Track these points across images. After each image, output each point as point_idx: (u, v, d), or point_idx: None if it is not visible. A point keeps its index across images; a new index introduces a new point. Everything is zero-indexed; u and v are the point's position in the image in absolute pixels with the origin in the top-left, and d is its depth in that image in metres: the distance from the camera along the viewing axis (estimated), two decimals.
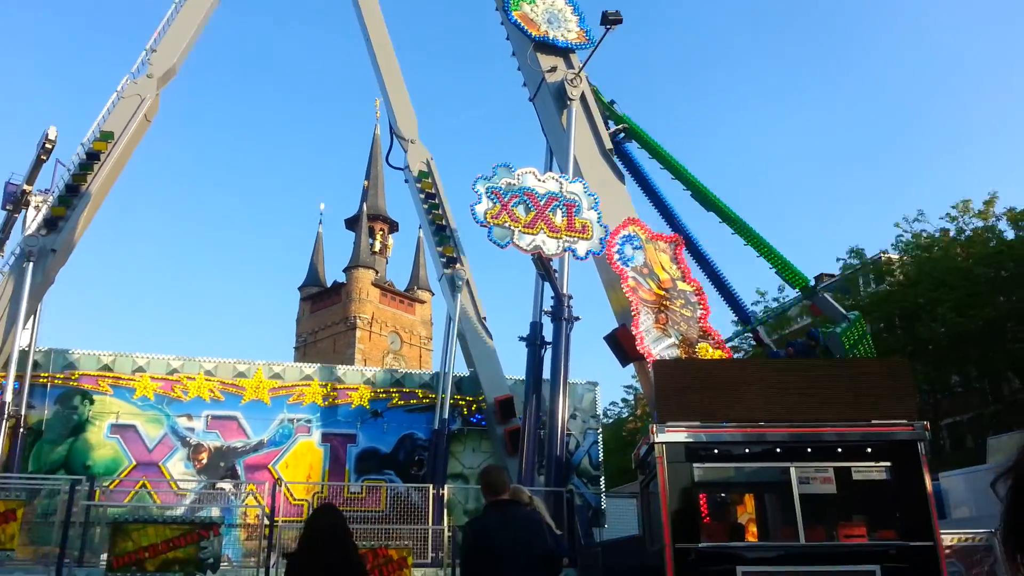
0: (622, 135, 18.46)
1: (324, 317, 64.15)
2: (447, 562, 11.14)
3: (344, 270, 64.36)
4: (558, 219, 14.80)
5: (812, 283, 17.28)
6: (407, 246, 73.42)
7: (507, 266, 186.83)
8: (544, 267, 15.65)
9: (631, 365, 16.05)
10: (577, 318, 16.80)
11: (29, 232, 17.66)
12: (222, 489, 17.97)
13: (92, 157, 17.89)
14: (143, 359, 19.62)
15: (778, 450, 9.23)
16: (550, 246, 14.66)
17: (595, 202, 15.25)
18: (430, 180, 20.71)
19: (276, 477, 18.05)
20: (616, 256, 15.23)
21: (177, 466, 18.63)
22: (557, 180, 15.38)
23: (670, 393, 9.86)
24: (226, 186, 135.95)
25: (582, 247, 14.85)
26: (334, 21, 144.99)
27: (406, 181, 21.12)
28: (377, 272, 64.65)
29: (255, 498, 16.43)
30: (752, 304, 30.66)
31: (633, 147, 18.59)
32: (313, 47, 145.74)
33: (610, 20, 16.02)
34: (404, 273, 70.11)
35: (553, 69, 17.72)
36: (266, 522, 11.16)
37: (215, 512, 15.60)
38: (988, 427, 28.06)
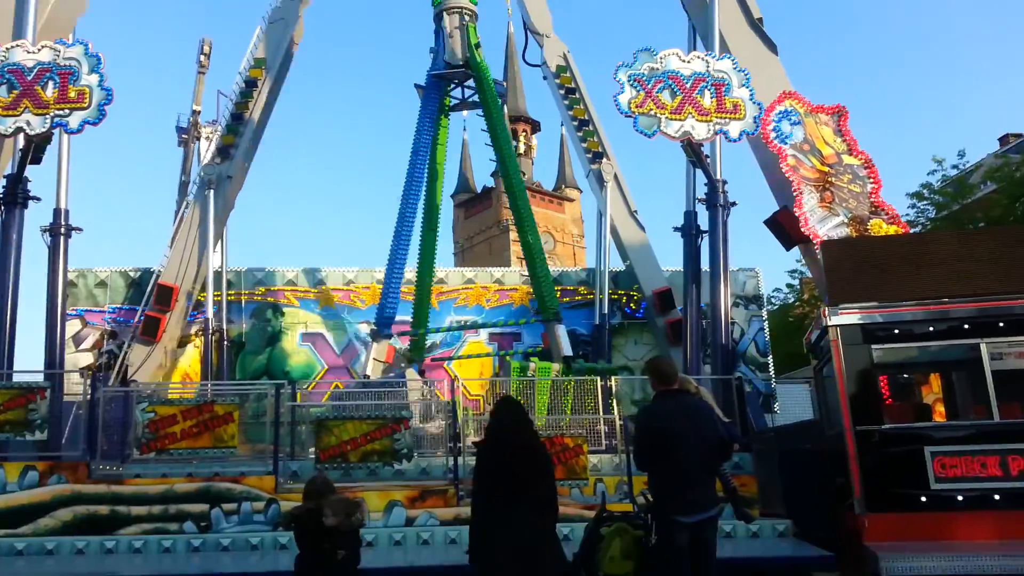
0: None
1: (478, 222, 65.68)
2: (621, 448, 11.54)
3: (492, 174, 65.15)
4: (707, 101, 14.11)
5: None
6: (551, 145, 72.99)
7: (655, 155, 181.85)
8: (695, 153, 15.14)
9: (795, 249, 15.48)
10: (733, 203, 16.27)
11: (205, 162, 19.07)
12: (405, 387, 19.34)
13: (250, 84, 18.84)
14: (323, 272, 21.15)
15: (966, 326, 8.73)
16: (700, 131, 14.05)
17: (746, 79, 14.40)
18: (568, 74, 20.25)
19: (452, 376, 19.23)
20: (772, 134, 14.45)
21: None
22: (703, 59, 14.62)
23: (841, 274, 9.51)
24: (370, 96, 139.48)
25: (735, 128, 14.13)
26: None
27: (544, 78, 20.77)
28: (524, 174, 64.79)
29: (435, 393, 17.63)
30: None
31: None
32: None
33: None
34: (550, 172, 70.11)
35: None
36: (448, 416, 11.92)
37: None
38: None
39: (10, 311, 13.75)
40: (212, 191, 18.20)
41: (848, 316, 9.08)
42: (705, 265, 16.54)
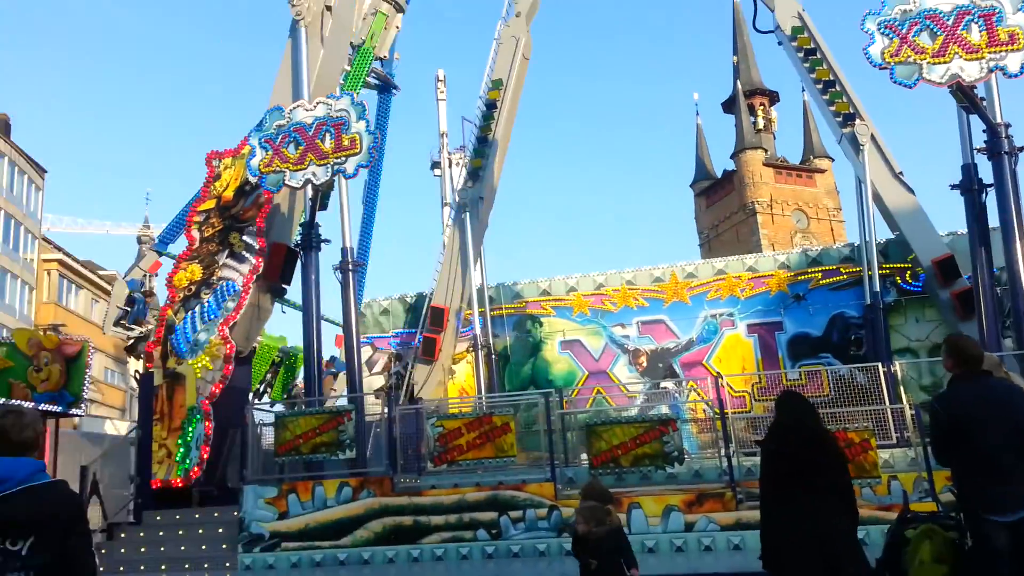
0: None
1: (721, 209, 63.52)
2: (915, 441, 10.55)
3: (731, 156, 62.67)
4: (975, 36, 12.44)
5: None
6: (793, 115, 68.80)
7: (920, 108, 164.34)
8: (967, 97, 13.37)
9: None
10: (1021, 148, 14.26)
11: (459, 187, 20.45)
12: (666, 388, 19.25)
13: (490, 107, 19.93)
14: (573, 279, 21.72)
15: None
16: (970, 71, 12.38)
17: (1022, 2, 12.56)
18: (807, 34, 18.81)
19: (714, 373, 18.73)
20: None
21: (622, 371, 20.38)
22: None
23: None
24: (591, 104, 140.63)
25: (1013, 61, 12.25)
26: None
27: (779, 43, 19.49)
28: (766, 150, 61.73)
29: (697, 393, 17.34)
30: None
31: None
32: None
33: None
34: (795, 145, 66.09)
35: None
36: (715, 415, 11.67)
37: (665, 409, 16.84)
38: None
39: (316, 344, 15.70)
40: (468, 213, 19.46)
41: None
42: (993, 223, 14.63)
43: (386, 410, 12.93)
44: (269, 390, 21.29)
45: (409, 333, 21.49)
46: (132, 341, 18.86)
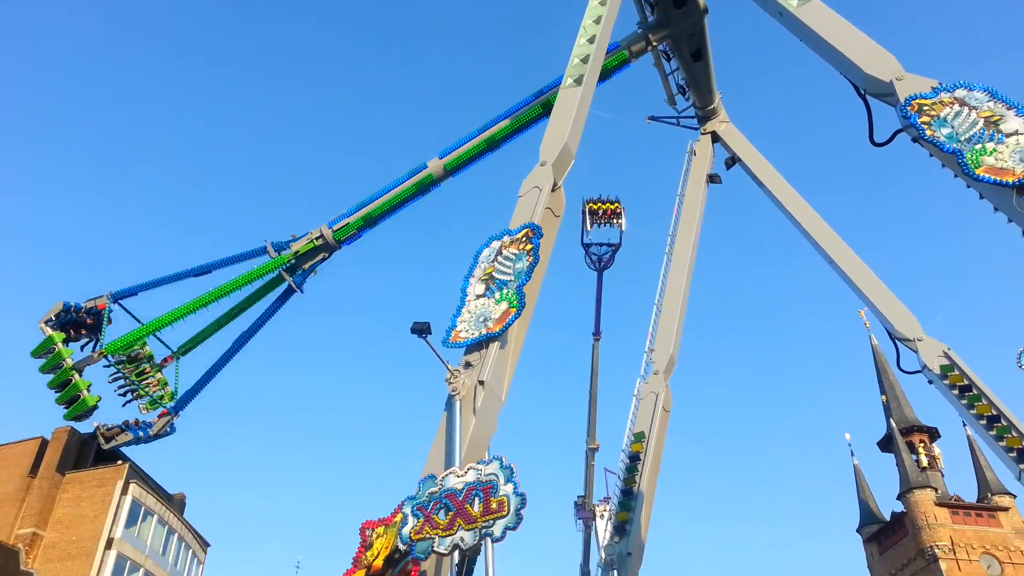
0: None
1: (897, 555, 57.19)
2: None
3: (897, 497, 57.95)
4: None
5: None
6: (959, 452, 64.06)
7: None
8: None
9: None
10: None
11: (605, 542, 19.74)
12: None
13: (633, 459, 19.89)
14: None
15: None
16: None
17: None
18: (957, 372, 18.37)
19: None
20: None
21: None
22: None
23: None
24: (742, 444, 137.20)
25: None
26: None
27: (930, 382, 19.04)
28: (936, 489, 56.83)
29: None
30: None
31: None
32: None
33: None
34: (967, 483, 60.59)
35: None
36: None
37: None
38: None
39: None
40: (615, 571, 18.47)
41: None
42: None
43: None
44: None
45: None
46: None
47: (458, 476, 16.01)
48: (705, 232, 24.77)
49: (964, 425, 44.78)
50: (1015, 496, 53.89)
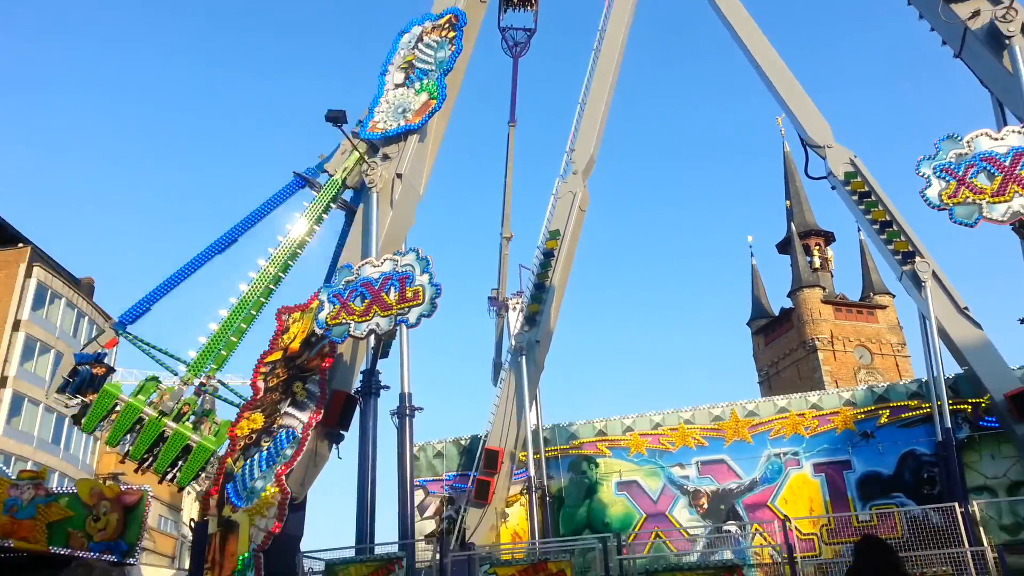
0: None
1: (780, 346, 62.56)
2: None
3: (788, 295, 62.35)
4: None
5: None
6: (850, 254, 68.63)
7: (980, 244, 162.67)
8: None
9: None
10: None
11: (516, 331, 20.74)
12: (729, 531, 18.37)
13: (547, 255, 20.50)
14: (629, 419, 21.35)
15: None
16: None
17: None
18: (859, 179, 19.18)
19: (780, 516, 17.87)
20: None
21: (681, 513, 19.61)
22: (1020, 132, 13.28)
23: None
24: (650, 245, 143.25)
25: None
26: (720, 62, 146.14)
27: (833, 188, 19.91)
28: (824, 288, 61.30)
29: (763, 537, 16.50)
30: None
31: None
32: (715, 109, 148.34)
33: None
34: (854, 283, 65.36)
35: (975, 14, 15.54)
36: (783, 560, 11.04)
37: (728, 555, 15.99)
38: None
39: (371, 488, 15.68)
40: (524, 357, 19.61)
41: None
42: None
43: (438, 557, 12.58)
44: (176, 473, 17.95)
45: (462, 476, 21.21)
46: (74, 412, 17.74)
47: (374, 266, 16.36)
48: (632, 45, 24.04)
49: (859, 230, 47.65)
50: (894, 296, 58.70)
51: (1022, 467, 16.90)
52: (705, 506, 19.49)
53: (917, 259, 18.14)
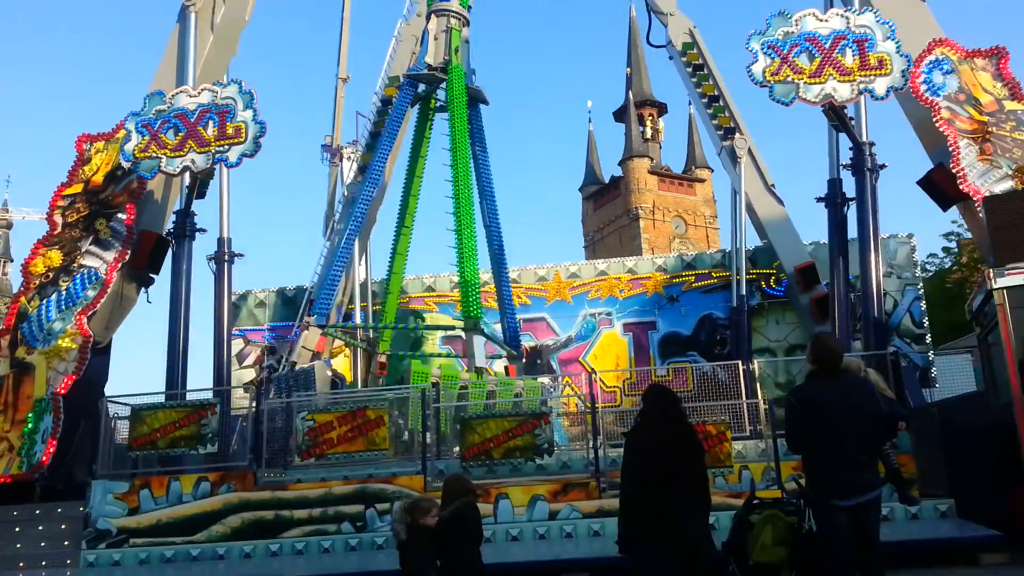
0: None
1: (607, 213, 65.12)
2: (767, 433, 11.10)
3: (619, 163, 64.34)
4: (848, 60, 13.46)
5: None
6: (679, 127, 71.30)
7: (794, 125, 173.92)
8: (837, 116, 14.35)
9: (953, 208, 14.35)
10: (882, 166, 15.36)
11: (348, 181, 19.97)
12: (543, 383, 19.48)
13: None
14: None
15: None
16: (842, 92, 13.42)
17: (891, 31, 13.54)
18: (696, 51, 19.60)
19: (588, 369, 19.16)
20: (923, 87, 13.54)
21: (501, 367, 20.47)
22: (842, 15, 13.89)
23: (1008, 231, 8.72)
24: (492, 101, 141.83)
25: (880, 85, 13.36)
26: None
27: (670, 58, 20.21)
28: (652, 159, 63.72)
29: (571, 388, 17.70)
30: None
31: None
32: None
33: None
34: (679, 155, 68.49)
35: None
36: (585, 408, 11.85)
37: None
38: None
39: (183, 335, 15.06)
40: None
41: (1016, 277, 8.32)
42: (852, 234, 15.66)
43: (253, 404, 12.42)
44: None
45: (285, 326, 20.82)
46: None
47: (190, 96, 14.94)
48: None
49: (689, 104, 49.31)
50: (712, 170, 62.22)
51: (801, 332, 18.94)
52: (523, 361, 20.47)
53: (736, 135, 19.09)
